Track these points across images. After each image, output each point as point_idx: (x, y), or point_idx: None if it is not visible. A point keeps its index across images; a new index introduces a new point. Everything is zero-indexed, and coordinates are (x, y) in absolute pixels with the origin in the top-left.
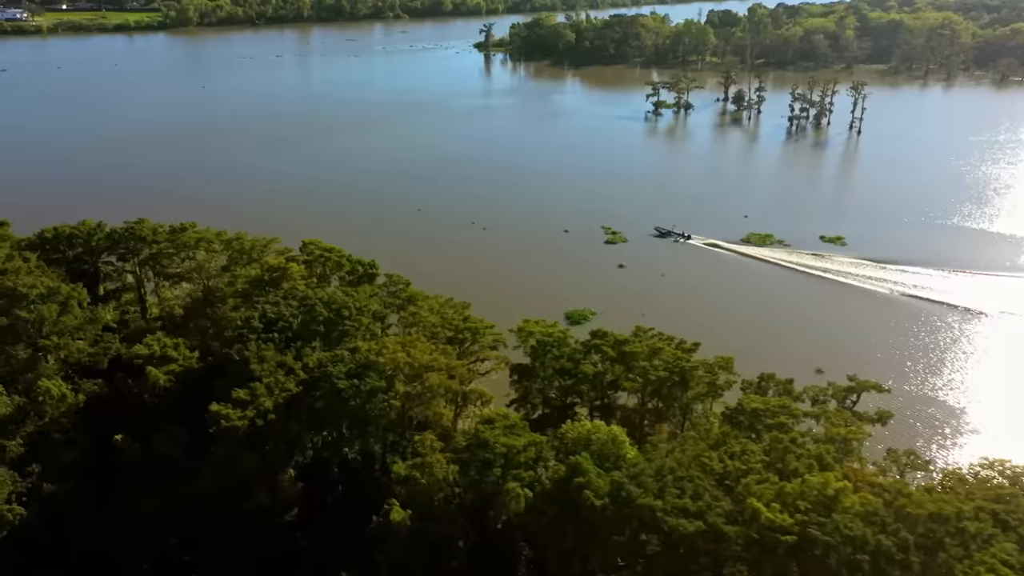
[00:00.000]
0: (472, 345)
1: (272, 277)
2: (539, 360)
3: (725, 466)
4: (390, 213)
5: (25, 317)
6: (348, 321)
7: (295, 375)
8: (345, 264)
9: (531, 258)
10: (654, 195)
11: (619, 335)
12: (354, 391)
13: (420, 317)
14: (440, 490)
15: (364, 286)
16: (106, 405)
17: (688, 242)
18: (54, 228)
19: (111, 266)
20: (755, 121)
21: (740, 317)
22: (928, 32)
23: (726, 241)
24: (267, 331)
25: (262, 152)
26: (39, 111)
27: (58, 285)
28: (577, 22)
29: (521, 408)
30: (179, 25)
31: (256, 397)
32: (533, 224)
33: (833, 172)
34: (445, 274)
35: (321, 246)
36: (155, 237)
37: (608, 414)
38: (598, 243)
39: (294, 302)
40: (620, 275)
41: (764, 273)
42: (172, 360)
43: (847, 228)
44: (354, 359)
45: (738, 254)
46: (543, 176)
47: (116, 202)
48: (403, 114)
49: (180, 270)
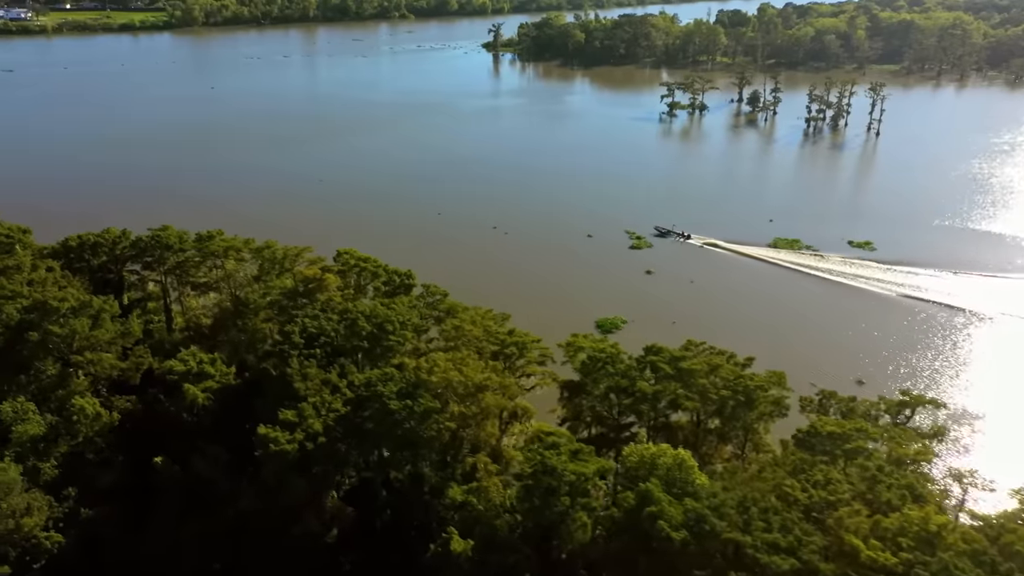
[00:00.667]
0: (518, 360)
1: (307, 288)
2: (591, 376)
3: (810, 496)
4: (406, 217)
5: (57, 332)
6: (392, 336)
7: (341, 394)
8: (381, 274)
9: (556, 264)
10: (673, 198)
11: (674, 351)
12: (407, 412)
13: (464, 331)
14: (497, 516)
15: (401, 297)
16: (139, 423)
17: (688, 242)
18: (78, 236)
19: (136, 275)
20: (771, 122)
21: (768, 324)
22: (940, 32)
23: (725, 241)
24: (308, 347)
25: (272, 153)
26: (48, 112)
27: (89, 298)
28: (586, 22)
29: (573, 426)
30: (184, 25)
31: (304, 418)
32: (554, 228)
33: (854, 174)
34: (469, 281)
35: (356, 255)
36: (181, 245)
37: (669, 435)
38: (622, 248)
39: (334, 316)
40: (648, 281)
41: (782, 278)
42: (208, 376)
43: (873, 232)
44: (404, 378)
45: (738, 254)
46: (559, 178)
47: (127, 204)
48: (413, 115)
49: (207, 279)
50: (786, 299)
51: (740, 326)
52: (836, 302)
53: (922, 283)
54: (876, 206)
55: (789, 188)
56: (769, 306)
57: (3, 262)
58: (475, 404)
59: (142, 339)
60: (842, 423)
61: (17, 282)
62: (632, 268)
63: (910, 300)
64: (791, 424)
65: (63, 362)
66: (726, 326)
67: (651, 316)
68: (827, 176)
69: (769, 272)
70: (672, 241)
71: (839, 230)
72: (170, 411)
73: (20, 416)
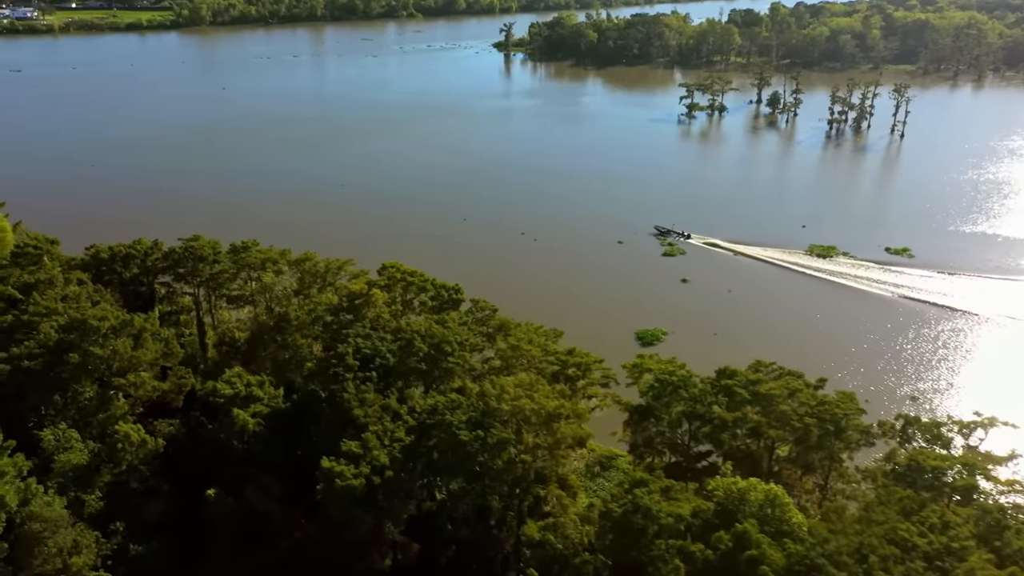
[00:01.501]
0: (581, 381)
1: (352, 304)
2: (661, 401)
3: (930, 543)
4: (432, 222)
5: (98, 354)
6: (451, 359)
7: (403, 421)
8: (429, 288)
9: (589, 272)
10: (699, 202)
11: (749, 374)
12: (480, 445)
13: (521, 350)
14: (576, 555)
15: (450, 313)
16: (183, 449)
17: (688, 241)
18: (109, 248)
19: (168, 287)
20: (792, 124)
21: (810, 335)
22: (955, 32)
23: (725, 241)
24: (363, 369)
25: (289, 156)
26: (58, 113)
27: (130, 317)
28: (598, 21)
29: (642, 454)
30: (192, 24)
31: (368, 449)
32: (582, 233)
33: (883, 178)
34: (503, 290)
35: (402, 269)
36: (215, 257)
37: (752, 465)
38: (654, 255)
39: (387, 336)
40: (684, 291)
41: (815, 288)
42: (257, 399)
43: (907, 238)
44: (472, 405)
45: (738, 254)
46: (581, 181)
47: (144, 208)
48: (427, 116)
49: (242, 292)
50: (824, 309)
51: (782, 337)
52: (873, 312)
53: (960, 290)
54: (909, 211)
55: (817, 192)
56: (807, 316)
57: (34, 275)
58: (550, 434)
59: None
60: (950, 457)
61: (51, 298)
62: (666, 276)
63: (937, 309)
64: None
65: (102, 383)
66: (768, 338)
67: (691, 327)
68: (855, 179)
69: (803, 282)
70: (698, 247)
71: (874, 236)
72: (218, 437)
73: (63, 444)
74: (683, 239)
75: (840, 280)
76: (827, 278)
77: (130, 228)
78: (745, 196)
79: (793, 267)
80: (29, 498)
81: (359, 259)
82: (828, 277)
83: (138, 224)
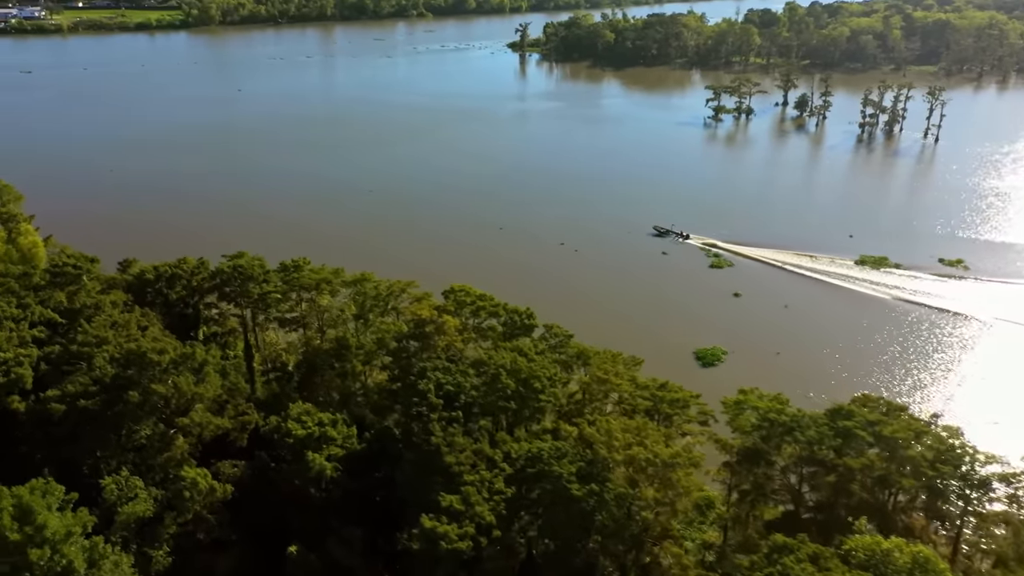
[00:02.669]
0: (676, 418)
1: (420, 331)
2: (771, 443)
3: None
4: (466, 232)
5: (162, 393)
6: (542, 396)
7: (499, 469)
8: (501, 313)
9: (637, 286)
10: (738, 209)
11: (868, 414)
12: (596, 502)
13: (611, 384)
14: None
15: (521, 339)
16: (251, 494)
17: (687, 242)
18: (154, 267)
19: (214, 308)
20: (821, 127)
21: (877, 355)
22: (976, 32)
23: (723, 241)
24: (448, 407)
25: (312, 159)
26: (73, 115)
27: (192, 349)
28: (615, 21)
29: (753, 501)
30: (201, 24)
31: (471, 505)
32: (623, 243)
33: (922, 184)
34: (548, 307)
35: (472, 292)
36: (265, 276)
37: (880, 518)
38: (702, 267)
39: (470, 370)
40: (738, 305)
41: (872, 303)
42: (331, 439)
43: (960, 248)
44: (579, 454)
45: (737, 255)
46: (612, 187)
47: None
48: (448, 120)
49: (296, 315)
50: (882, 325)
51: (847, 357)
52: (937, 328)
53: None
54: (955, 219)
55: (857, 199)
56: (865, 332)
57: (79, 300)
58: (668, 486)
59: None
60: None
61: (100, 325)
62: (717, 290)
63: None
64: None
65: (162, 422)
66: (831, 357)
67: (750, 345)
68: (894, 185)
69: (861, 298)
70: (776, 267)
71: (924, 246)
72: (291, 482)
73: (126, 494)
74: (682, 239)
75: (894, 294)
76: (880, 293)
77: (157, 237)
78: (783, 203)
79: (841, 281)
80: (97, 559)
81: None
82: (882, 292)
83: (163, 232)
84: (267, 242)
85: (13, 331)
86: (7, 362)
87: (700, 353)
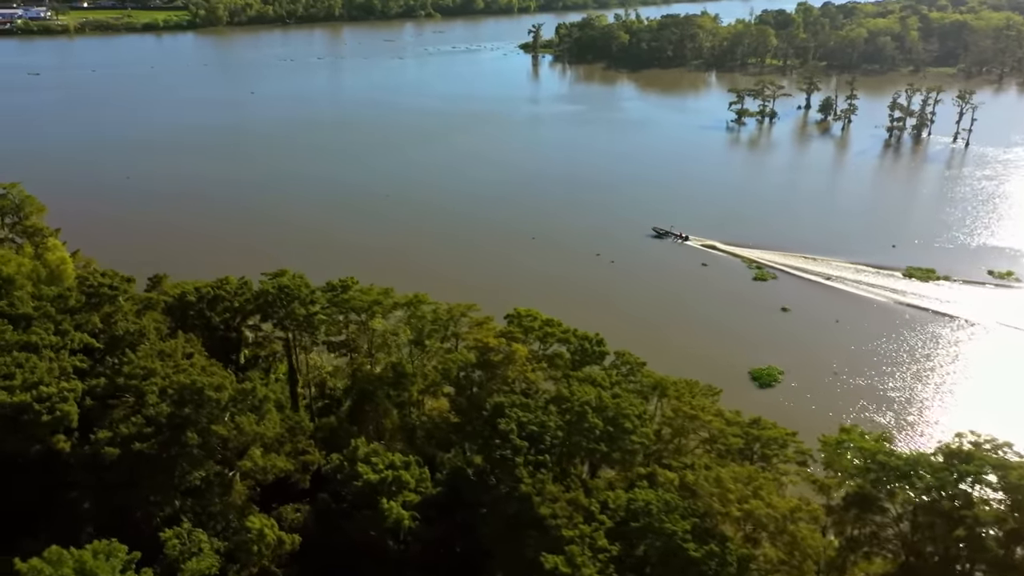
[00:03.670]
0: (774, 459)
1: (486, 359)
2: (882, 488)
3: None
4: (496, 242)
5: (223, 435)
6: (634, 437)
7: (599, 523)
8: (571, 340)
9: (680, 301)
10: (773, 217)
11: (990, 457)
12: (717, 564)
13: (700, 420)
14: None
15: (590, 367)
16: (317, 544)
17: (686, 243)
18: (196, 289)
19: (258, 331)
20: (847, 131)
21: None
22: (995, 33)
23: (724, 243)
24: (533, 450)
25: (327, 163)
26: (84, 118)
27: (252, 384)
28: (629, 22)
29: (868, 554)
30: (208, 24)
31: (577, 567)
32: (659, 254)
33: (959, 191)
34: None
35: (539, 317)
36: (311, 297)
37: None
38: (745, 279)
39: (552, 407)
40: (788, 321)
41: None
42: (405, 484)
43: (1006, 259)
44: (690, 508)
45: (739, 257)
46: (639, 193)
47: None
48: (465, 123)
49: (344, 338)
50: (934, 342)
51: (908, 377)
52: (1009, 349)
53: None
54: (996, 227)
55: (893, 207)
56: (922, 348)
57: (118, 323)
58: (791, 544)
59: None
60: None
61: (146, 354)
62: (764, 304)
63: None
64: None
65: (221, 462)
66: (893, 376)
67: (805, 363)
68: (928, 192)
69: (914, 313)
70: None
71: (970, 256)
72: (363, 530)
73: (189, 549)
74: (681, 241)
75: (949, 310)
76: (934, 308)
77: (177, 245)
78: (819, 210)
79: (891, 295)
80: None
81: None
82: (936, 307)
83: (182, 239)
84: (286, 249)
85: (53, 360)
86: (51, 398)
87: (756, 373)
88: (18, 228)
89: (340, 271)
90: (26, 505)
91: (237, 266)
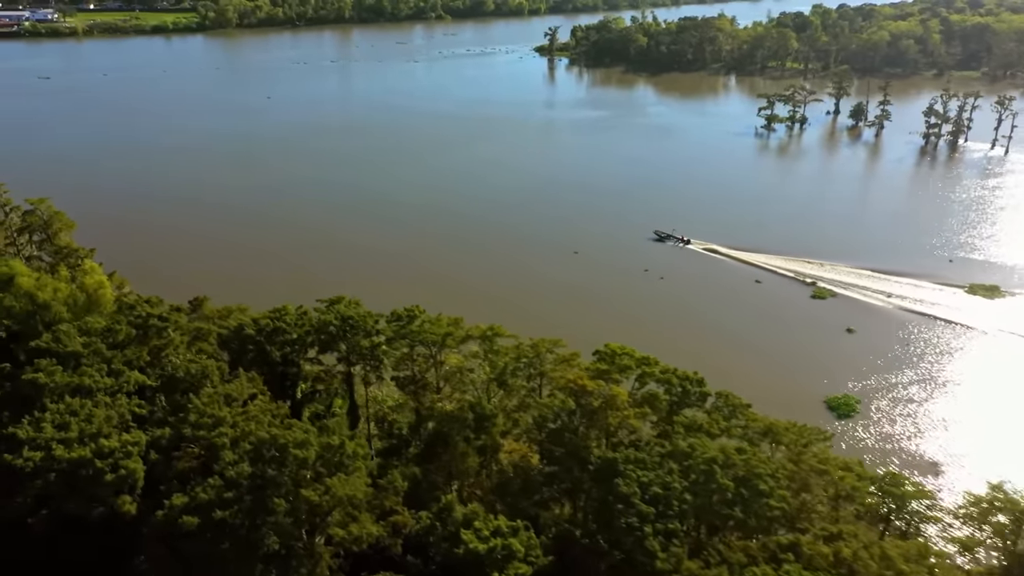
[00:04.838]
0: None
1: (579, 403)
2: None
3: None
4: (537, 257)
5: (314, 500)
6: (772, 500)
7: None
8: (673, 381)
9: (737, 319)
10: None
11: None
12: None
13: (831, 476)
14: None
15: (693, 411)
16: None
17: (688, 247)
18: (254, 321)
19: (318, 364)
20: (880, 138)
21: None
22: (1018, 36)
23: (730, 247)
24: (659, 516)
25: (347, 171)
26: (97, 122)
27: (340, 440)
28: (647, 25)
29: None
30: (218, 27)
31: None
32: (708, 268)
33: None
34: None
35: (633, 355)
36: (375, 327)
37: None
38: (803, 297)
39: (671, 464)
40: (854, 344)
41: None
42: (515, 554)
43: None
44: None
45: (738, 260)
46: (677, 204)
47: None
48: (487, 130)
49: (409, 372)
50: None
51: (992, 409)
52: None
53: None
54: None
55: (943, 218)
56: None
57: (181, 365)
58: None
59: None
60: None
61: (212, 400)
62: (827, 325)
63: None
64: None
65: (308, 531)
66: (977, 408)
67: (882, 392)
68: (974, 202)
69: (984, 337)
70: (883, 296)
71: None
72: None
73: None
74: (682, 245)
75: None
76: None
77: (207, 258)
78: (871, 222)
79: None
80: None
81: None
82: (1007, 328)
83: (212, 251)
84: (317, 259)
85: (109, 406)
86: (113, 452)
87: (832, 402)
88: (47, 247)
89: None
90: (85, 566)
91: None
